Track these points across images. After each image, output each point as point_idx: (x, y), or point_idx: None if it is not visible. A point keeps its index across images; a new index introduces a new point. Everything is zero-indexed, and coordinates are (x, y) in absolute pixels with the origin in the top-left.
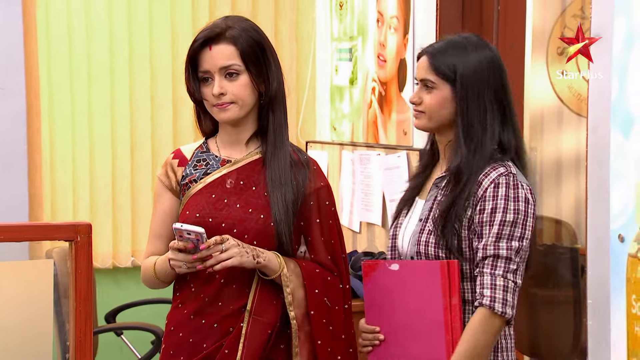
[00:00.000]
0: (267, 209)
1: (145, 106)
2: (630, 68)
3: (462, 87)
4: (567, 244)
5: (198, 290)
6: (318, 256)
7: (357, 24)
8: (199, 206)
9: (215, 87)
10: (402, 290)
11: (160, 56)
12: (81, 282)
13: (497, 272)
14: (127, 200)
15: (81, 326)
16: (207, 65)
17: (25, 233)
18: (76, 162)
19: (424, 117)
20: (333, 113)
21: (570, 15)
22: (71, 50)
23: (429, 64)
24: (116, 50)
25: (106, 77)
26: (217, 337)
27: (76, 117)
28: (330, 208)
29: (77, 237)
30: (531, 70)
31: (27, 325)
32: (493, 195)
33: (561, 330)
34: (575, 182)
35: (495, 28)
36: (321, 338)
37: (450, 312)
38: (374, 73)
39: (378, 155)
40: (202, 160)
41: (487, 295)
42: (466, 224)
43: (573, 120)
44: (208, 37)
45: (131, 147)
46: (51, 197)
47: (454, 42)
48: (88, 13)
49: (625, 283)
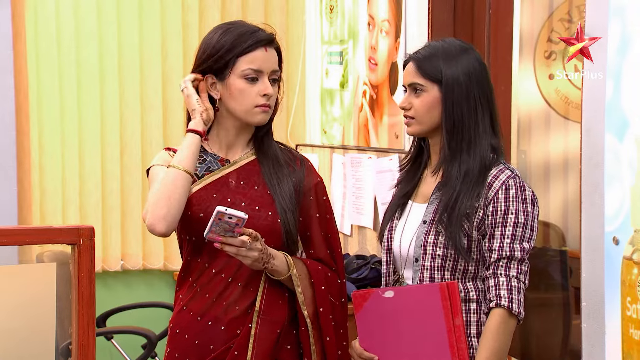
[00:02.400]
0: (274, 207)
1: (135, 108)
2: (624, 70)
3: (449, 86)
4: (555, 247)
5: (203, 290)
6: (317, 251)
7: (347, 27)
8: (202, 205)
9: (269, 87)
10: (401, 317)
11: (150, 57)
12: (84, 285)
13: (511, 274)
14: (117, 202)
15: (84, 330)
16: (261, 64)
17: (27, 237)
18: (65, 165)
19: (415, 123)
20: (323, 116)
21: (558, 19)
22: (60, 52)
23: (416, 68)
24: (105, 52)
25: (95, 79)
26: (225, 338)
27: (65, 120)
28: (327, 203)
29: (79, 241)
30: (518, 73)
31: (29, 329)
32: (505, 197)
33: (551, 332)
34: (563, 184)
35: (486, 32)
36: (329, 334)
37: (454, 333)
38: (365, 76)
39: (369, 159)
40: (200, 157)
41: (505, 296)
42: (476, 224)
43: (560, 123)
44: (266, 38)
45: (121, 149)
46: (40, 200)
47: (438, 47)
48: (77, 15)
49: (620, 285)
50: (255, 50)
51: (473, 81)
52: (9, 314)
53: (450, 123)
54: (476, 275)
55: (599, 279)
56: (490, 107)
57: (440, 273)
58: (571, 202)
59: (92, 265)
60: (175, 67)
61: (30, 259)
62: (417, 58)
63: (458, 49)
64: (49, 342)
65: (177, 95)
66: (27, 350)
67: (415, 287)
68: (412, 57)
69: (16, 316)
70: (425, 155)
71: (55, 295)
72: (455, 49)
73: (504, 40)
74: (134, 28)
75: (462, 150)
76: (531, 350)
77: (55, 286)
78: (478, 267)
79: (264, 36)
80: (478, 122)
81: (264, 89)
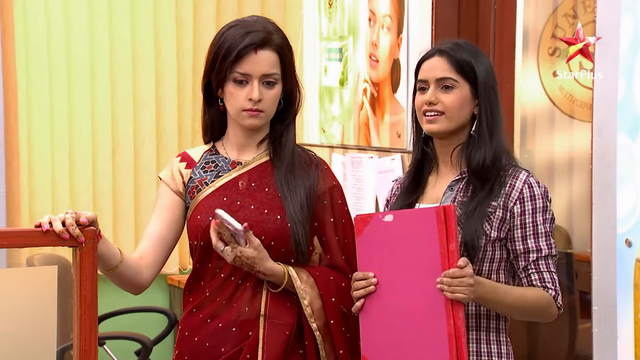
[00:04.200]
0: (283, 210)
1: (127, 106)
2: (637, 68)
3: (484, 83)
4: (561, 249)
5: (213, 294)
6: (333, 257)
7: (347, 22)
8: (211, 209)
9: (255, 92)
10: (398, 242)
11: (143, 54)
12: (86, 289)
13: (552, 269)
14: (109, 204)
15: (86, 335)
16: (248, 68)
17: (29, 239)
18: (55, 165)
19: (444, 119)
20: (322, 114)
21: (562, 14)
22: (50, 48)
23: (448, 61)
24: (96, 48)
25: (86, 76)
26: (236, 340)
27: (55, 119)
28: (343, 207)
29: (81, 243)
30: (522, 71)
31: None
32: (530, 195)
33: (557, 336)
34: (568, 185)
35: (492, 28)
36: (342, 347)
37: (448, 259)
38: (366, 74)
39: (370, 159)
40: (212, 162)
41: (552, 288)
42: (497, 225)
43: (565, 122)
44: (257, 40)
45: (112, 148)
46: (29, 202)
47: (461, 43)
48: (67, 10)
49: (633, 289)
50: (244, 55)
51: (494, 81)
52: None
53: (484, 126)
54: (489, 276)
55: (610, 282)
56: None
57: None
58: (576, 203)
59: (94, 268)
60: (168, 63)
61: (19, 263)
62: (446, 51)
63: (476, 49)
64: (49, 345)
65: (170, 92)
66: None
67: (413, 211)
68: (438, 50)
69: (16, 319)
70: (429, 159)
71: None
72: (475, 49)
73: (510, 37)
74: (126, 23)
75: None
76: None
77: (57, 289)
78: (492, 268)
79: (250, 41)
80: (501, 122)
81: (249, 93)
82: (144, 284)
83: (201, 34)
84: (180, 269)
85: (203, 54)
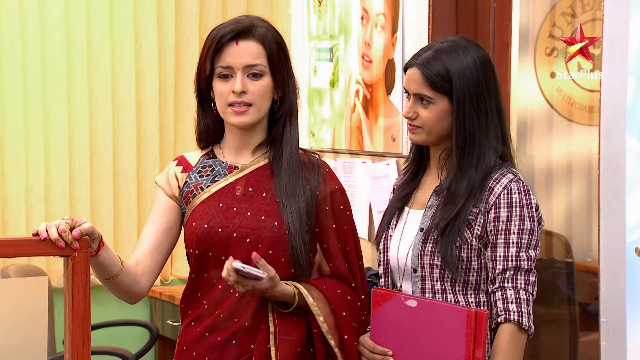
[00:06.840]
0: (281, 216)
1: (105, 108)
2: None
3: (459, 97)
4: (559, 257)
5: (212, 307)
6: (335, 265)
7: (338, 21)
8: (206, 216)
9: (238, 83)
10: (419, 329)
11: (122, 52)
12: (79, 300)
13: (519, 286)
14: (86, 212)
15: (78, 349)
16: (230, 60)
17: (19, 248)
18: (29, 171)
19: (422, 132)
20: (311, 117)
21: (560, 12)
22: (24, 47)
23: (422, 77)
24: (73, 47)
25: (62, 76)
26: (236, 354)
27: (29, 121)
28: (345, 212)
29: (74, 253)
30: (518, 72)
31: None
32: (507, 202)
33: (559, 349)
34: (567, 191)
35: (491, 27)
36: None
37: None
38: (358, 74)
39: (363, 163)
40: (208, 166)
41: (514, 310)
42: (477, 233)
43: (563, 125)
44: (236, 30)
45: (90, 153)
46: (1, 210)
47: (442, 49)
48: (42, 7)
49: None
50: (224, 45)
51: (483, 86)
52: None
53: (462, 140)
54: (478, 286)
55: (619, 293)
56: (499, 112)
57: (440, 283)
58: (576, 210)
59: (87, 278)
60: (149, 62)
61: None
62: (421, 64)
63: (464, 49)
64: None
65: (151, 93)
66: None
67: (441, 305)
68: (415, 62)
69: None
70: (425, 160)
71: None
72: (461, 50)
73: (508, 35)
74: (104, 19)
75: (471, 167)
76: None
77: (47, 300)
78: (480, 278)
79: (229, 29)
80: (489, 132)
81: (235, 86)
82: (142, 292)
83: (184, 30)
84: (162, 280)
85: (185, 52)
